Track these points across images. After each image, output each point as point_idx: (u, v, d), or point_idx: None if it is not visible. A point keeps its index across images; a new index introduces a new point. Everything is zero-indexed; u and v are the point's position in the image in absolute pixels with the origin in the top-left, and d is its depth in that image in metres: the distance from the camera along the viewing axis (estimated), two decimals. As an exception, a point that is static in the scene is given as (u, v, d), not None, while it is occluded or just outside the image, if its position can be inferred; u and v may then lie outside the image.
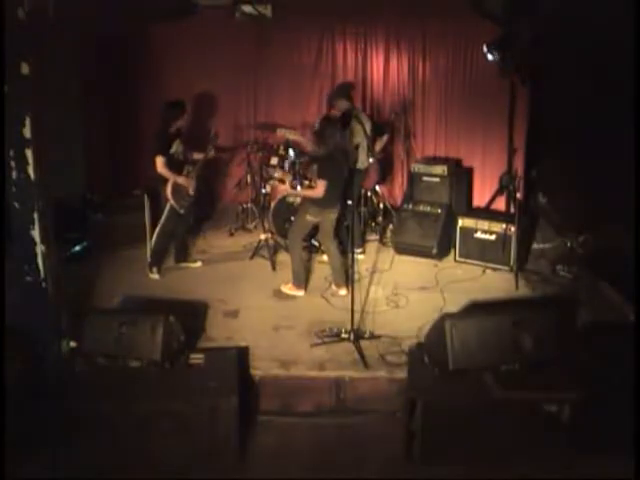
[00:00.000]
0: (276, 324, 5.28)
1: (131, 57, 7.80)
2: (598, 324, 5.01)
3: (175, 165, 6.02)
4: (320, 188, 5.52)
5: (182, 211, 6.13)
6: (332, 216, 5.78)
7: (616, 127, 5.67)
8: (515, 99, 6.92)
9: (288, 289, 5.85)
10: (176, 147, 6.05)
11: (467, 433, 3.94)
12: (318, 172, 5.68)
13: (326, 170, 5.57)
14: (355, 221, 6.07)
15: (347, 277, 5.80)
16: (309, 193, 5.89)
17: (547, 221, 7.29)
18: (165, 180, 5.98)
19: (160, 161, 5.90)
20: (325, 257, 6.21)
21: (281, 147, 7.16)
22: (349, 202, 6.09)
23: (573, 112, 6.61)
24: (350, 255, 5.44)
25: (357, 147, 5.10)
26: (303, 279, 5.90)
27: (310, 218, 5.76)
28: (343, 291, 5.81)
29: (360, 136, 6.39)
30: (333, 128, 5.64)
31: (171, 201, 6.02)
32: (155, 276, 6.23)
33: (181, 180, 6.06)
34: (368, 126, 6.65)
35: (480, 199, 7.55)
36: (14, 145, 4.16)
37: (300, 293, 5.85)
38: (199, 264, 6.56)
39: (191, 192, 6.18)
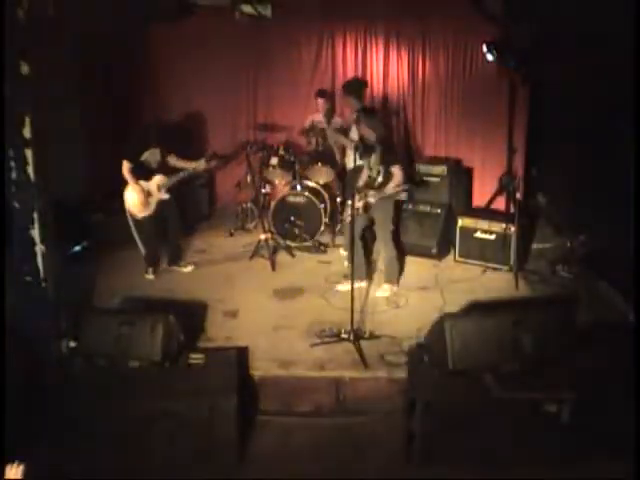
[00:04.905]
0: (276, 324, 5.28)
1: (130, 57, 7.78)
2: (598, 324, 5.01)
3: (144, 172, 6.01)
4: (398, 173, 5.44)
5: (139, 217, 6.05)
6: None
7: (616, 127, 5.67)
8: (515, 99, 6.92)
9: (383, 290, 5.80)
10: (150, 155, 6.04)
11: (467, 433, 3.94)
12: (387, 160, 5.48)
13: (391, 154, 5.53)
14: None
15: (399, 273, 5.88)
16: (393, 187, 5.52)
17: (547, 221, 7.29)
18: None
19: (125, 166, 5.92)
20: (325, 257, 6.20)
21: (281, 147, 7.16)
22: (349, 202, 6.08)
23: (573, 112, 6.61)
24: (350, 255, 5.43)
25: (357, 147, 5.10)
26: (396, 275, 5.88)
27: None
28: (395, 287, 5.80)
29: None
30: (376, 117, 5.59)
31: (125, 206, 6.01)
32: (150, 277, 6.23)
33: (138, 188, 5.99)
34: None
35: (480, 199, 7.55)
36: (14, 145, 4.17)
37: (394, 288, 5.81)
38: (190, 269, 6.43)
39: (149, 210, 6.06)
